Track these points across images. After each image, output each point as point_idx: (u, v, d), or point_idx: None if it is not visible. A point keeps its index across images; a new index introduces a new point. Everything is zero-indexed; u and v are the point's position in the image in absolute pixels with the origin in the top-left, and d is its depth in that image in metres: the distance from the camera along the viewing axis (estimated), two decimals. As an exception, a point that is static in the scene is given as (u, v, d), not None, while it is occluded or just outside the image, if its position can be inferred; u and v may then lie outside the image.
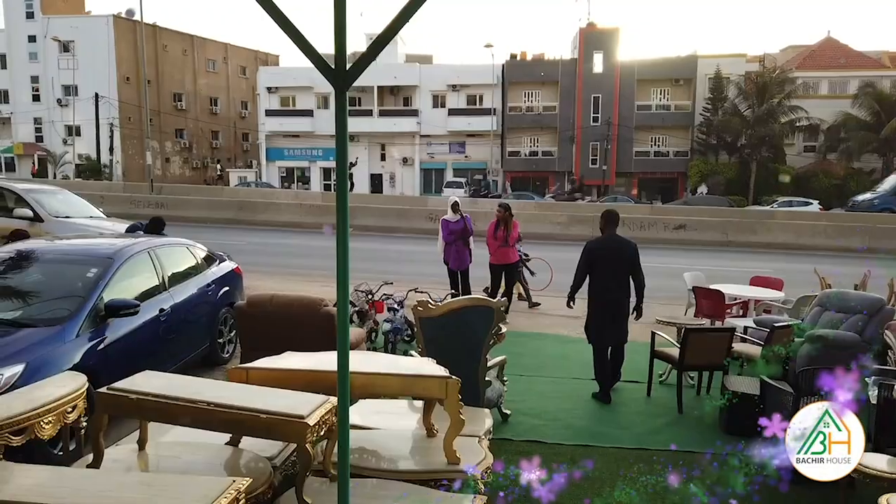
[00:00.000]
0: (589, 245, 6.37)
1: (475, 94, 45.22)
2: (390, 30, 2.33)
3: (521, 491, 4.34)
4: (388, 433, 4.16)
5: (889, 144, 36.30)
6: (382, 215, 23.47)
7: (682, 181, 42.31)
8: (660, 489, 4.46)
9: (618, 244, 6.27)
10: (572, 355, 7.69)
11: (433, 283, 9.61)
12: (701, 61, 42.09)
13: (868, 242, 19.37)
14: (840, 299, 6.70)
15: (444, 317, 5.00)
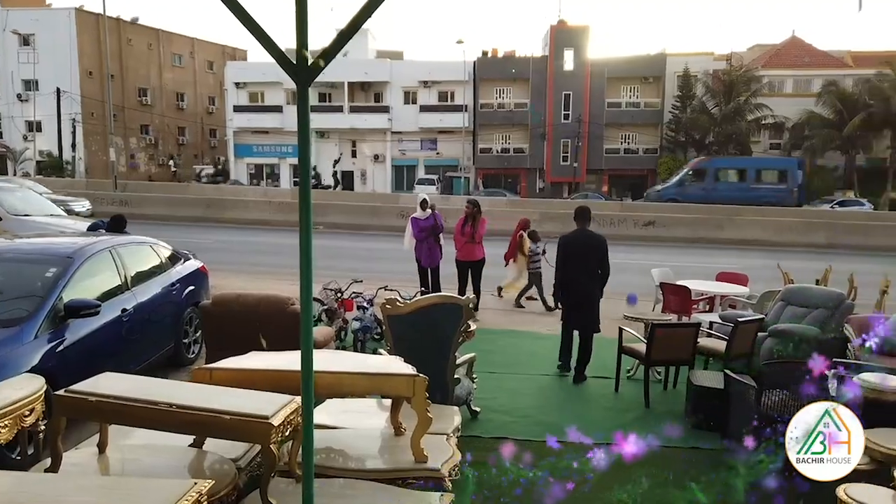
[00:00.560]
0: (562, 239, 6.82)
1: (447, 91, 45.16)
2: (353, 25, 2.30)
3: (491, 488, 4.38)
4: (355, 432, 4.13)
5: (851, 142, 37.20)
6: (353, 212, 23.34)
7: (652, 178, 42.82)
8: (626, 480, 4.53)
9: (588, 238, 6.65)
10: (544, 352, 7.72)
11: (404, 281, 9.59)
12: (670, 59, 42.61)
13: (830, 239, 19.89)
14: (802, 294, 6.86)
15: (413, 315, 4.98)
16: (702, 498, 4.33)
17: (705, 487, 4.46)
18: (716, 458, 4.93)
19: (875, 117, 35.95)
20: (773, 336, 6.25)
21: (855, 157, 38.42)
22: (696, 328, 6.11)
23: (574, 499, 4.25)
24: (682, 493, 4.39)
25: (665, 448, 5.08)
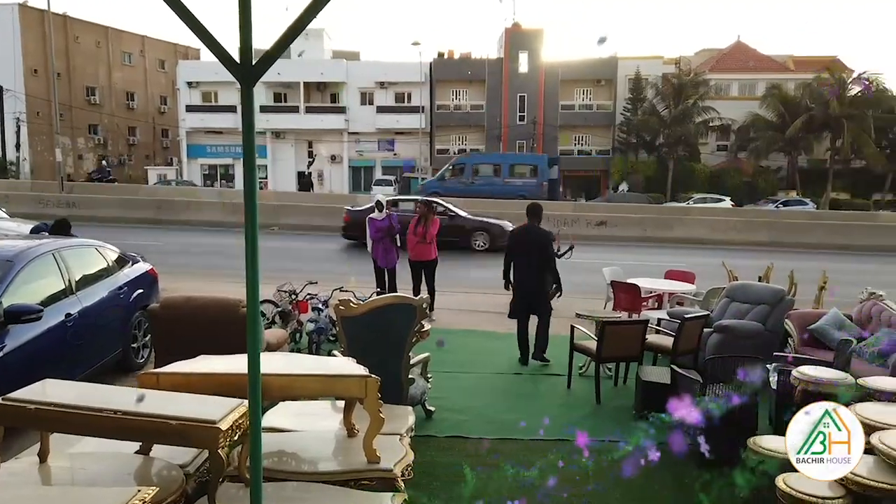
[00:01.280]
0: (511, 231, 7.63)
1: (403, 92, 45.09)
2: (297, 25, 2.30)
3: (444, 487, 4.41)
4: (308, 435, 4.11)
5: (793, 144, 38.54)
6: (310, 214, 23.10)
7: (605, 179, 43.59)
8: (576, 475, 4.61)
9: (534, 233, 7.19)
10: (499, 351, 7.81)
11: (360, 282, 9.54)
12: (621, 63, 43.44)
13: (773, 237, 20.59)
14: (745, 291, 7.10)
15: (367, 315, 4.97)
16: (648, 490, 4.45)
17: (652, 481, 4.58)
18: (663, 452, 5.06)
19: (815, 120, 37.37)
20: (718, 332, 6.45)
21: (797, 159, 39.82)
22: (644, 325, 6.26)
23: (525, 495, 4.31)
24: (630, 486, 4.50)
25: (614, 442, 5.20)
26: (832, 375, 4.58)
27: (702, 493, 4.26)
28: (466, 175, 33.59)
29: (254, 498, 2.49)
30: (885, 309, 6.30)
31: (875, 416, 3.98)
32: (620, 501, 4.37)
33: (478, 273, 14.06)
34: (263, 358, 4.13)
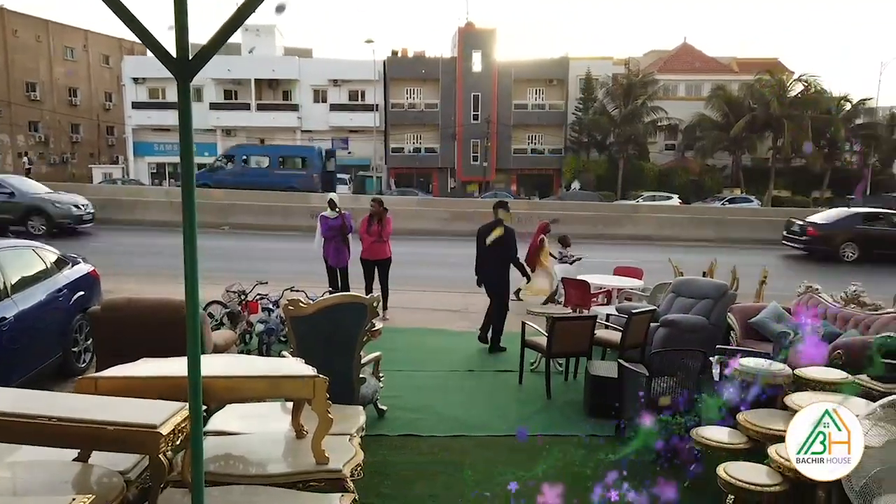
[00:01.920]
0: (479, 228, 7.89)
1: (357, 90, 44.75)
2: (236, 19, 2.26)
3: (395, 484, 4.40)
4: (255, 437, 4.03)
5: (737, 143, 39.79)
6: (262, 213, 22.74)
7: (558, 177, 44.17)
8: (525, 469, 4.66)
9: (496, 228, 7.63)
10: (452, 348, 7.84)
11: (313, 282, 9.44)
12: (572, 63, 44.08)
13: (719, 233, 21.22)
14: (690, 286, 7.29)
15: (316, 315, 4.91)
16: (596, 481, 4.52)
17: (600, 471, 4.66)
18: (611, 443, 5.16)
19: (757, 120, 38.65)
20: (664, 326, 6.61)
21: (741, 157, 41.12)
22: (593, 321, 6.37)
23: (477, 489, 4.34)
24: (579, 478, 4.57)
25: (563, 436, 5.29)
26: (770, 367, 4.74)
27: (648, 481, 4.38)
28: (237, 165, 33.45)
29: (195, 502, 2.44)
30: (821, 301, 6.56)
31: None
32: (570, 492, 4.42)
33: (431, 271, 14.09)
34: (208, 360, 4.06)
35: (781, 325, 6.32)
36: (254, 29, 44.88)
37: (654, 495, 3.96)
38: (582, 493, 4.41)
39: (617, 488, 4.50)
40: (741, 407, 4.28)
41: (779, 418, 4.28)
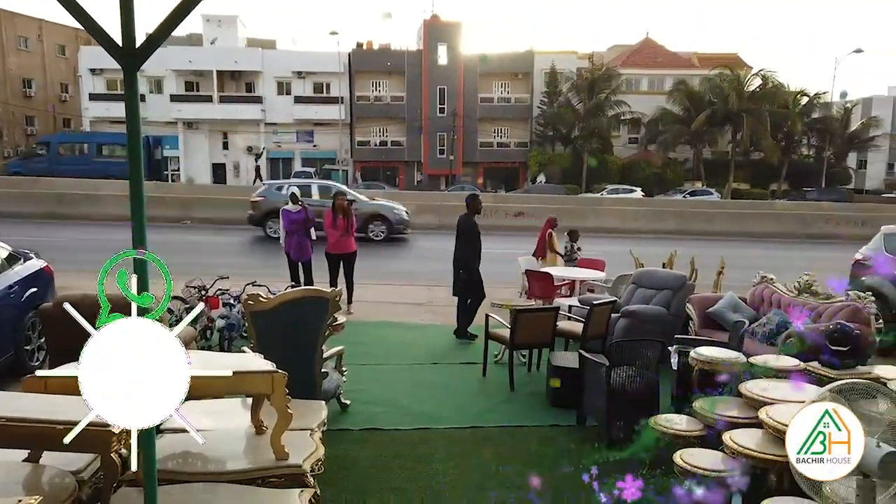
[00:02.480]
0: (459, 218, 8.10)
1: (322, 83, 44.30)
2: (184, 7, 2.21)
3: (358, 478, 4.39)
4: (214, 434, 3.97)
5: (698, 136, 40.54)
6: (224, 206, 22.38)
7: (524, 170, 44.43)
8: (488, 461, 4.70)
9: (462, 222, 7.88)
10: (416, 342, 7.84)
11: (276, 276, 9.34)
12: (537, 57, 44.32)
13: (680, 225, 21.63)
14: (650, 277, 7.41)
15: (277, 309, 4.86)
16: (557, 470, 4.58)
17: (561, 460, 4.72)
18: (572, 432, 5.23)
19: (717, 114, 39.43)
20: (625, 317, 6.71)
21: (702, 151, 41.91)
22: (555, 312, 6.43)
23: (440, 481, 4.36)
24: (540, 468, 4.62)
25: (526, 427, 5.34)
26: (725, 355, 4.85)
27: (608, 469, 4.45)
28: (52, 153, 33.05)
29: (148, 501, 2.40)
30: (775, 291, 6.74)
31: (763, 392, 4.25)
32: (530, 479, 4.47)
33: (395, 265, 14.07)
34: (163, 356, 3.97)
35: (738, 314, 6.47)
36: (215, 19, 44.04)
37: (615, 483, 4.03)
38: (545, 481, 4.48)
39: (579, 476, 4.57)
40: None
41: (733, 405, 4.38)
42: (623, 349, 5.01)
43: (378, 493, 4.19)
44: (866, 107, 45.18)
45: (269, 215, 17.16)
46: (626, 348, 5.01)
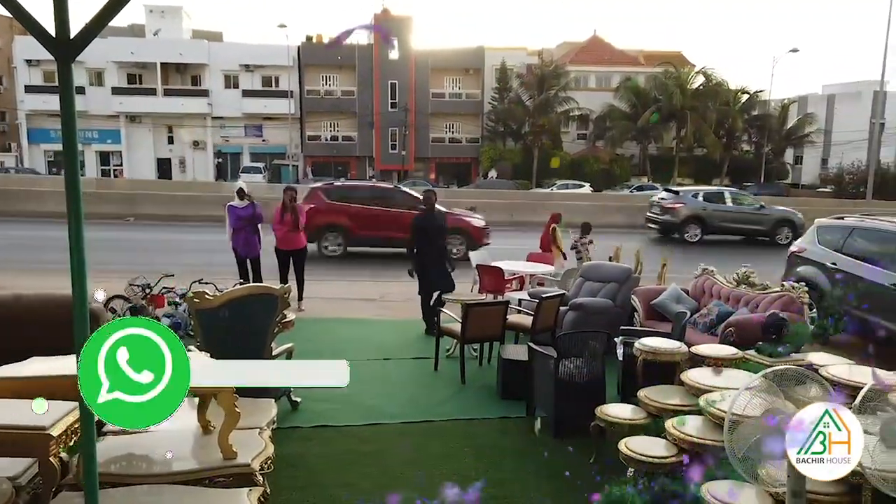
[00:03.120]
0: (414, 220, 8.16)
1: (271, 76, 43.55)
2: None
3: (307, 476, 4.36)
4: (159, 435, 3.89)
5: (644, 133, 41.50)
6: (170, 203, 21.84)
7: (476, 166, 44.67)
8: (439, 455, 4.74)
9: (434, 218, 8.06)
10: (368, 337, 7.81)
11: (224, 274, 9.16)
12: (488, 53, 44.54)
13: (628, 219, 22.12)
14: (597, 271, 7.57)
15: (224, 307, 4.79)
16: (507, 461, 4.66)
17: (511, 452, 4.80)
18: (522, 424, 5.32)
19: (662, 111, 40.43)
20: (573, 309, 6.84)
21: (648, 147, 42.92)
22: (505, 306, 6.50)
23: (391, 476, 4.37)
24: (490, 459, 4.69)
25: (477, 420, 5.40)
26: (668, 345, 5.00)
27: (555, 459, 4.55)
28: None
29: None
30: (715, 283, 6.98)
31: (703, 380, 4.40)
32: (482, 474, 4.54)
33: (344, 261, 13.97)
34: (104, 357, 3.86)
35: (680, 305, 6.68)
36: (158, 10, 42.78)
37: (564, 472, 4.12)
38: (496, 472, 4.55)
39: (528, 466, 4.65)
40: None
41: (675, 394, 4.53)
42: (571, 341, 5.11)
43: (329, 490, 4.18)
44: (802, 104, 47.03)
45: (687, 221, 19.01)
46: (573, 340, 5.12)
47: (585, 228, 10.59)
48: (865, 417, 2.93)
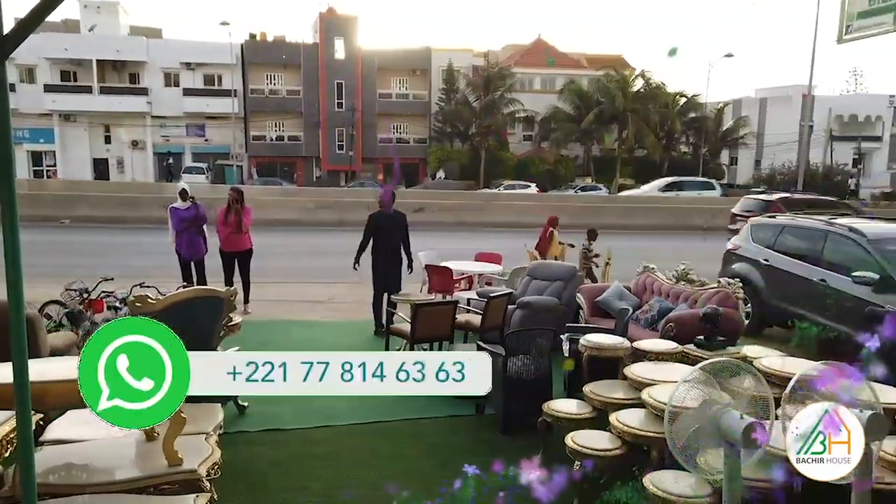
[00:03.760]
0: (373, 216, 8.06)
1: (213, 74, 42.57)
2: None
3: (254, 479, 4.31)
4: (101, 443, 3.79)
5: (588, 134, 42.40)
6: (108, 205, 21.12)
7: (424, 166, 44.74)
8: (390, 455, 4.75)
9: (394, 216, 8.03)
10: (317, 339, 7.76)
11: (167, 277, 8.94)
12: (434, 54, 44.71)
13: (572, 219, 22.55)
14: (543, 270, 7.71)
15: (167, 311, 4.67)
16: (456, 460, 4.70)
17: (460, 450, 4.85)
18: (471, 422, 5.38)
19: (605, 113, 41.41)
20: (521, 308, 6.96)
21: (591, 148, 43.87)
22: (454, 306, 6.56)
23: (341, 478, 4.36)
24: (439, 458, 4.73)
25: (426, 419, 5.44)
26: (611, 341, 5.15)
27: (502, 454, 4.62)
28: None
29: (27, 517, 2.27)
30: (656, 280, 7.21)
31: (645, 374, 4.54)
32: (432, 472, 4.58)
33: (295, 262, 13.82)
34: (41, 364, 3.77)
35: (623, 302, 6.87)
36: (94, 5, 41.26)
37: (512, 468, 4.19)
38: (445, 471, 4.59)
39: (478, 464, 4.71)
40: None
41: (619, 388, 4.67)
42: (519, 339, 5.20)
43: (279, 494, 4.15)
44: (736, 108, 48.88)
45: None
46: (521, 338, 5.21)
47: (592, 235, 10.63)
48: (795, 406, 3.08)
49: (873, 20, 7.70)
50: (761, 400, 2.96)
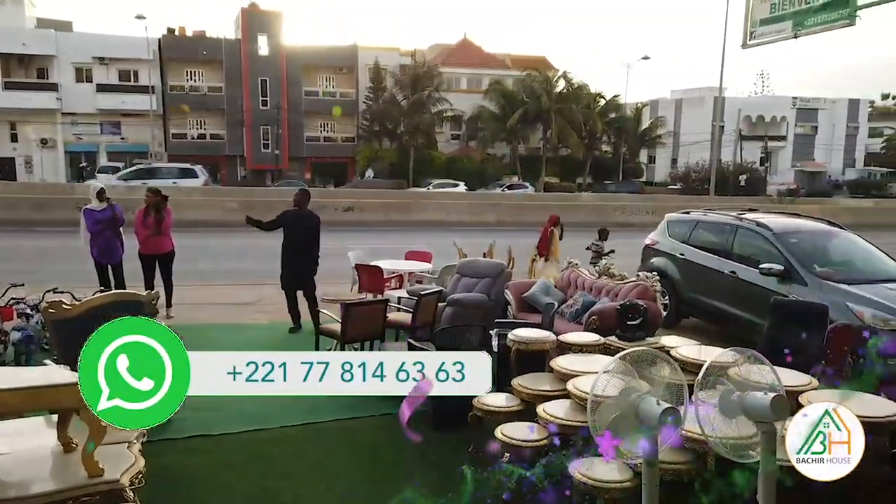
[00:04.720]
0: (285, 212, 8.12)
1: (129, 70, 40.81)
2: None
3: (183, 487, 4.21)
4: (14, 457, 3.61)
5: (514, 134, 43.20)
6: (13, 206, 19.94)
7: (352, 165, 44.35)
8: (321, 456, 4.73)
9: (306, 216, 8.10)
10: (245, 342, 7.59)
11: (82, 282, 8.53)
12: (361, 52, 44.37)
13: (499, 217, 22.95)
14: (472, 267, 7.83)
15: (84, 316, 4.49)
16: (389, 457, 4.74)
17: (392, 448, 4.89)
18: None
19: (530, 113, 42.31)
20: (451, 305, 7.04)
21: (517, 147, 44.69)
22: (384, 304, 6.57)
23: (272, 483, 4.32)
24: (372, 457, 4.75)
25: (358, 418, 5.44)
26: (538, 335, 5.30)
27: (436, 450, 4.69)
28: None
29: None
30: (580, 275, 7.45)
31: (570, 365, 4.70)
32: (364, 471, 4.59)
33: (220, 264, 13.46)
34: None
35: (549, 297, 7.07)
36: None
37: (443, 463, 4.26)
38: (378, 470, 4.62)
39: (409, 461, 4.76)
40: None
41: (546, 380, 4.81)
42: (449, 335, 5.28)
43: (206, 502, 4.06)
44: (654, 108, 50.93)
45: None
46: (451, 334, 5.29)
47: (603, 234, 10.67)
48: (707, 391, 3.28)
49: (774, 27, 8.22)
50: (677, 387, 3.13)
